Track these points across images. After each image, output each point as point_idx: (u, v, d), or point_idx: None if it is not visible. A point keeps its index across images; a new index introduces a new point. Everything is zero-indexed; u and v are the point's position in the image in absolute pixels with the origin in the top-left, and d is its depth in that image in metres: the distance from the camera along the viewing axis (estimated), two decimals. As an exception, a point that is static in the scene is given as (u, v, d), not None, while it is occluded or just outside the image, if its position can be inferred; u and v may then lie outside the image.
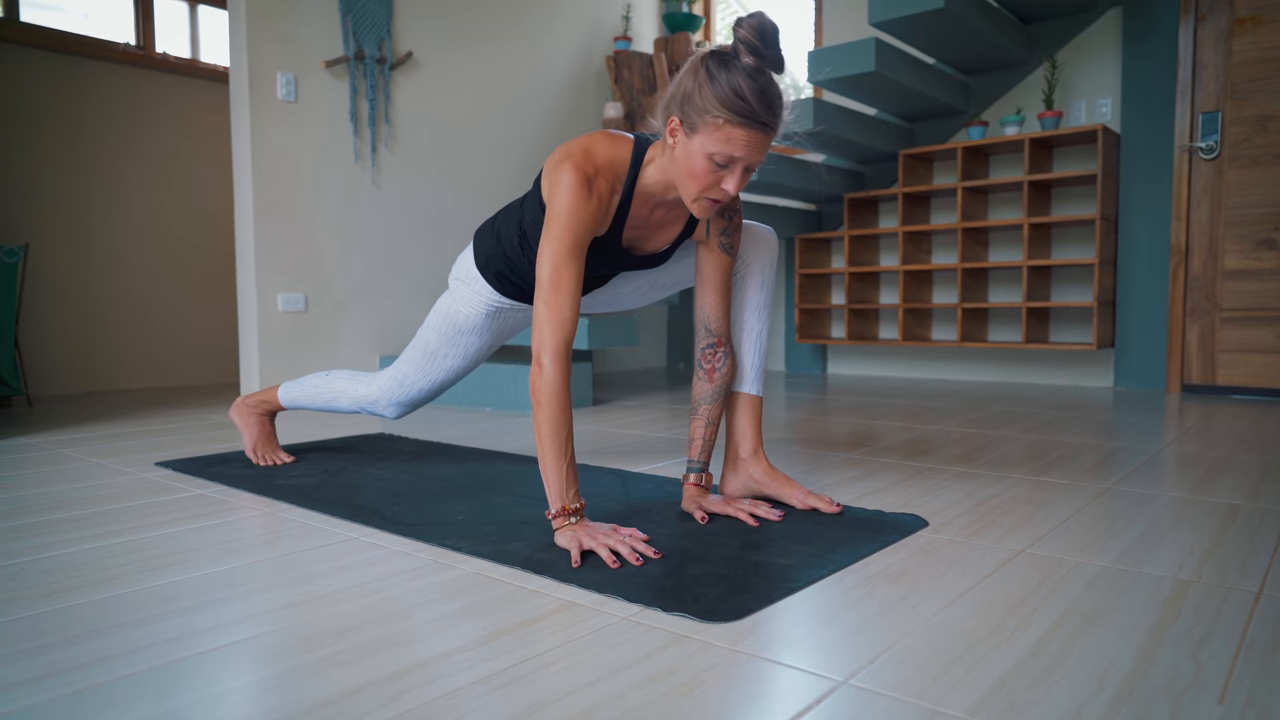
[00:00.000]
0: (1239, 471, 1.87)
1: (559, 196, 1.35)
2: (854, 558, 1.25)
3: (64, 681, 0.87)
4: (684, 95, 1.31)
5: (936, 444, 2.27)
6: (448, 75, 3.86)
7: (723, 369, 1.56)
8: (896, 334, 4.29)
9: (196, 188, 4.34)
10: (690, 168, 1.33)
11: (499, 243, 1.63)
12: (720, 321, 1.56)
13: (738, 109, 1.27)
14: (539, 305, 1.34)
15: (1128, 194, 3.59)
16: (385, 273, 3.65)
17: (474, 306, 1.73)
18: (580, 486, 1.53)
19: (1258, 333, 3.36)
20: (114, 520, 1.54)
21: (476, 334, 1.77)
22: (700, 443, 1.56)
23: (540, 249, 1.35)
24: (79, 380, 3.96)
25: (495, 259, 1.65)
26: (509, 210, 1.64)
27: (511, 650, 0.94)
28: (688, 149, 1.32)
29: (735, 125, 1.28)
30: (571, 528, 1.29)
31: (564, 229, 1.34)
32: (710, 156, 1.30)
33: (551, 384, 1.31)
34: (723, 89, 1.27)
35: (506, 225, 1.62)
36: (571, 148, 1.39)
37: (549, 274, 1.33)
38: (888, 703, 0.81)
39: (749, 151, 1.30)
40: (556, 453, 1.31)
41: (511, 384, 3.08)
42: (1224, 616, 1.02)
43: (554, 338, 1.32)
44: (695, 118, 1.30)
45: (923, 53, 3.72)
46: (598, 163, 1.38)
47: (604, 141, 1.40)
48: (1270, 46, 3.30)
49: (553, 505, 1.31)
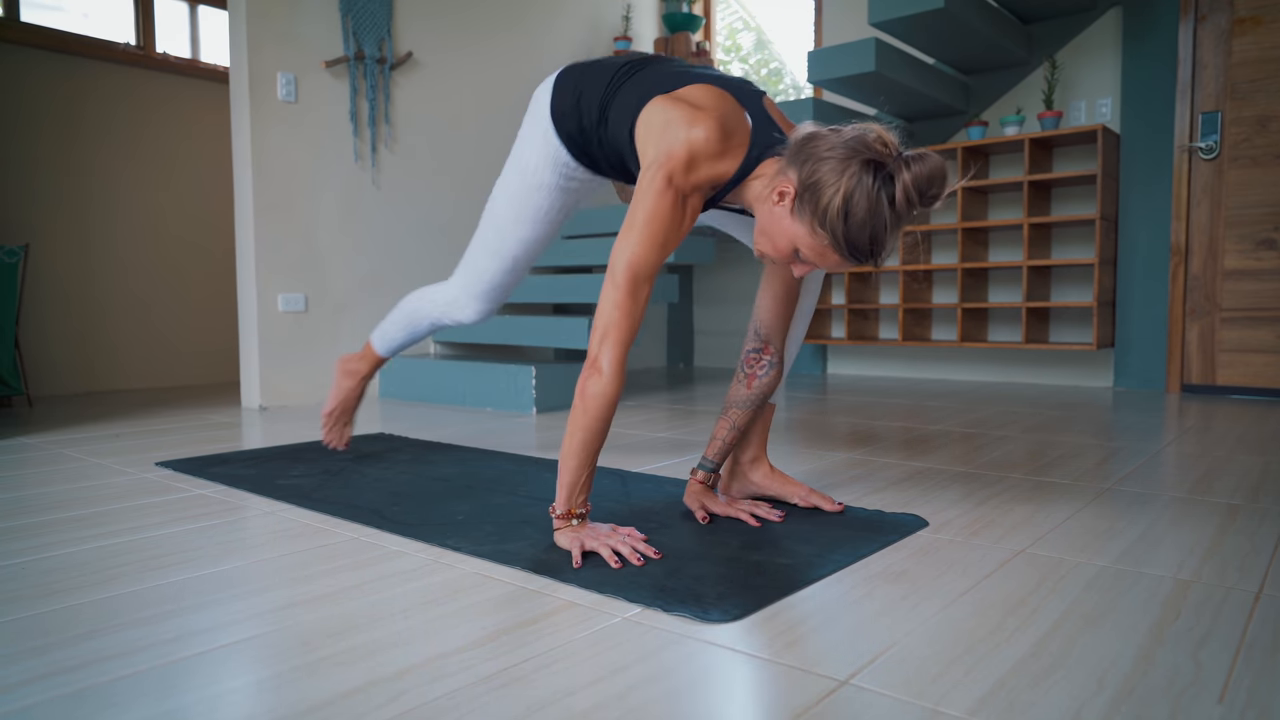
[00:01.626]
0: (1239, 471, 1.87)
1: (648, 206, 1.25)
2: (854, 558, 1.25)
3: (64, 681, 0.87)
4: (815, 182, 1.17)
5: (936, 444, 2.27)
6: (448, 75, 3.86)
7: (764, 378, 1.49)
8: (896, 334, 4.29)
9: (196, 188, 4.34)
10: (774, 239, 1.25)
11: (578, 106, 1.48)
12: (773, 329, 1.49)
13: (856, 246, 1.18)
14: (607, 303, 1.26)
15: (1128, 194, 3.59)
16: (385, 273, 3.65)
17: (542, 155, 1.57)
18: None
19: (1258, 333, 3.36)
20: (114, 520, 1.54)
21: (544, 191, 1.60)
22: (720, 444, 1.53)
23: (622, 242, 1.26)
24: (79, 380, 3.96)
25: (569, 118, 1.50)
26: (598, 73, 1.47)
27: (511, 650, 0.94)
28: (783, 223, 1.23)
29: (837, 252, 1.20)
30: (573, 529, 1.29)
31: (650, 247, 1.25)
32: (796, 249, 1.24)
33: (605, 394, 1.25)
34: (857, 224, 1.15)
35: (590, 95, 1.46)
36: (676, 147, 1.25)
37: (627, 279, 1.25)
38: (888, 703, 0.81)
39: (833, 270, 1.26)
40: (582, 461, 1.28)
41: (511, 384, 3.08)
42: (1224, 616, 1.02)
43: (620, 343, 1.25)
44: (809, 213, 1.18)
45: (923, 53, 3.72)
46: (696, 178, 1.27)
47: (715, 145, 1.26)
48: (1270, 46, 3.30)
49: (559, 506, 1.30)
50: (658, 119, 1.30)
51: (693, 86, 1.34)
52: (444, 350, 3.85)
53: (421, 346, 3.79)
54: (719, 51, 5.43)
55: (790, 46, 5.63)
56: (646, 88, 1.38)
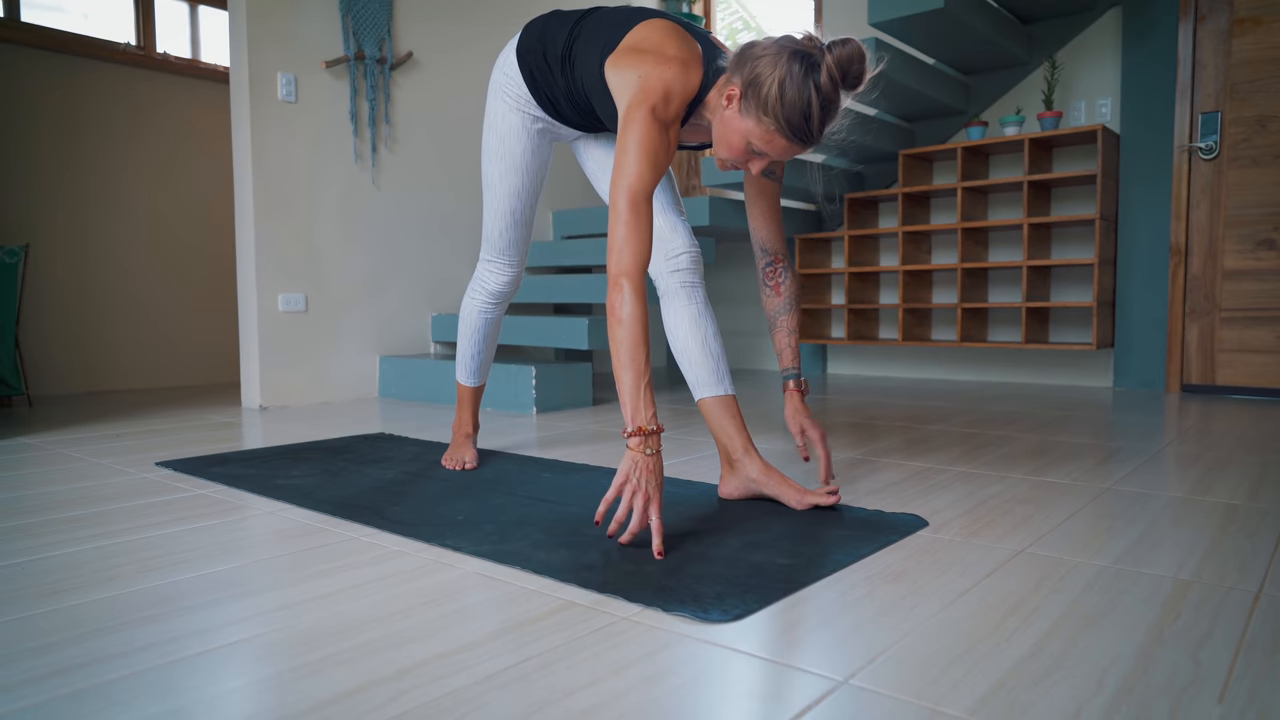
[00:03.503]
0: (1239, 471, 1.87)
1: (637, 133, 1.38)
2: (854, 558, 1.25)
3: (64, 681, 0.87)
4: (755, 78, 1.34)
5: (936, 444, 2.27)
6: (448, 75, 3.86)
7: (786, 282, 1.70)
8: (896, 334, 4.29)
9: (196, 188, 4.34)
10: (729, 140, 1.41)
11: (541, 42, 1.65)
12: (775, 241, 1.70)
13: (794, 125, 1.33)
14: (619, 230, 1.36)
15: (1127, 194, 3.59)
16: (385, 273, 3.65)
17: (507, 103, 1.75)
18: (586, 487, 1.52)
19: (1257, 333, 3.36)
20: (114, 520, 1.54)
21: (515, 136, 1.77)
22: (789, 351, 1.70)
23: (619, 173, 1.38)
24: (79, 380, 3.96)
25: (534, 53, 1.67)
26: (562, 20, 1.65)
27: (511, 650, 0.94)
28: (733, 123, 1.39)
29: (782, 135, 1.35)
30: (644, 457, 1.28)
31: (646, 166, 1.38)
32: (749, 143, 1.39)
33: (633, 307, 1.33)
34: (791, 104, 1.32)
35: (556, 34, 1.63)
36: (651, 84, 1.40)
37: (629, 201, 1.36)
38: (888, 703, 0.81)
39: (783, 155, 1.40)
40: (635, 370, 1.32)
41: (511, 384, 3.08)
42: (1224, 616, 1.02)
43: (635, 261, 1.35)
44: (754, 106, 1.35)
45: (923, 53, 3.72)
46: (673, 105, 1.42)
47: (680, 76, 1.42)
48: (1270, 46, 3.30)
49: (628, 423, 1.30)
50: (627, 69, 1.45)
51: (643, 26, 1.50)
52: (444, 350, 3.85)
53: (422, 347, 3.79)
54: (719, 51, 5.43)
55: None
56: (607, 34, 1.53)
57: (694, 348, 1.63)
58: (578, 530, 1.41)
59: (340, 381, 3.49)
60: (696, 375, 1.63)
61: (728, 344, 4.98)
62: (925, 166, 4.01)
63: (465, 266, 3.97)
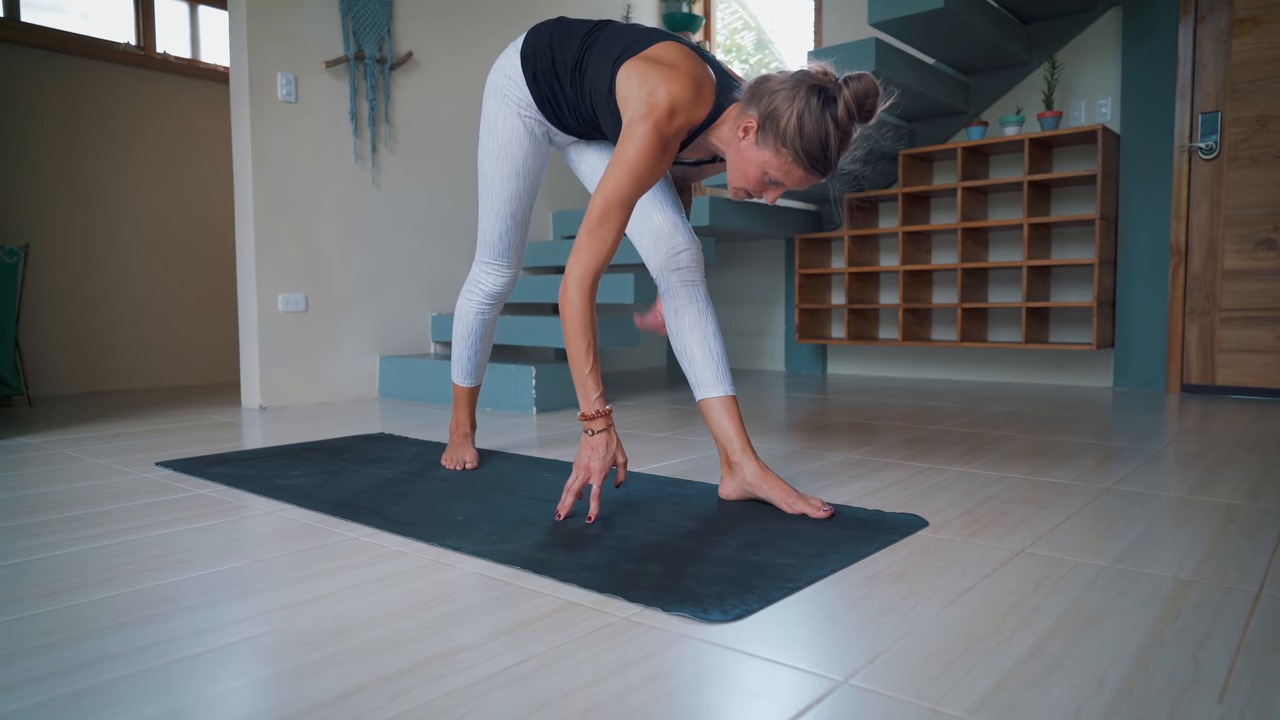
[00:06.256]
0: (1239, 471, 1.87)
1: (634, 148, 1.41)
2: (854, 558, 1.25)
3: (64, 681, 0.87)
4: (772, 110, 1.38)
5: (936, 444, 2.27)
6: (448, 75, 3.86)
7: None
8: (896, 334, 4.29)
9: (196, 188, 4.34)
10: (745, 170, 1.44)
11: (550, 47, 1.64)
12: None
13: (813, 157, 1.38)
14: (582, 233, 1.44)
15: (1127, 194, 3.59)
16: (385, 273, 3.65)
17: (507, 106, 1.74)
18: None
19: (1257, 333, 3.36)
20: (114, 520, 1.54)
21: (516, 140, 1.76)
22: None
23: (604, 179, 1.43)
24: (79, 380, 3.96)
25: (541, 57, 1.65)
26: (572, 28, 1.64)
27: (511, 650, 0.94)
28: (750, 154, 1.42)
29: (800, 166, 1.40)
30: (588, 438, 1.46)
31: (630, 181, 1.42)
32: (765, 173, 1.43)
33: (575, 308, 1.44)
34: (809, 136, 1.36)
35: (566, 42, 1.63)
36: (658, 100, 1.42)
37: (600, 210, 1.42)
38: (888, 703, 0.81)
39: (799, 185, 1.44)
40: (578, 359, 1.45)
41: (511, 384, 3.08)
42: (1224, 616, 1.02)
43: (585, 266, 1.43)
44: (772, 138, 1.39)
45: (923, 53, 3.72)
46: (678, 124, 1.44)
47: (690, 97, 1.44)
48: (1270, 46, 3.30)
49: (582, 408, 1.47)
50: (637, 76, 1.46)
51: (662, 45, 1.52)
52: (444, 350, 3.85)
53: (421, 347, 3.79)
54: (719, 52, 5.43)
55: (790, 47, 5.62)
56: (622, 45, 1.54)
57: (694, 347, 1.63)
58: (577, 530, 1.41)
59: (340, 381, 3.49)
60: (697, 375, 1.63)
61: (728, 344, 4.98)
62: (925, 166, 4.01)
63: (465, 266, 3.97)
